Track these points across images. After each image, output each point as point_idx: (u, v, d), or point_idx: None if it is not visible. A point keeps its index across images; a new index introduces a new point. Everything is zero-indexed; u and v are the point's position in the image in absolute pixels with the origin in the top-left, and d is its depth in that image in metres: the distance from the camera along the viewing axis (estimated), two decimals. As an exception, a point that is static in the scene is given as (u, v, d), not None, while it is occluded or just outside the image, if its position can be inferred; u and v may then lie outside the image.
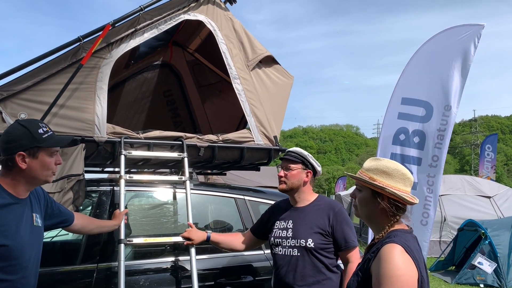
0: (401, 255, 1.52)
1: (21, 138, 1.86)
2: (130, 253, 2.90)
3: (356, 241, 2.49)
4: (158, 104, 5.16)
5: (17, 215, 1.88)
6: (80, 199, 2.74)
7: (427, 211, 4.70)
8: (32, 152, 1.87)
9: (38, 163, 1.89)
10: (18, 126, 1.89)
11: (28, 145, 1.86)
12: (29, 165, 1.87)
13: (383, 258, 1.54)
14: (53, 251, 3.23)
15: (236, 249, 2.82)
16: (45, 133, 1.92)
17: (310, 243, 2.41)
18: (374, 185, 1.68)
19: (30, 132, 1.87)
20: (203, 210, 3.38)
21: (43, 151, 1.90)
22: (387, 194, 1.67)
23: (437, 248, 9.64)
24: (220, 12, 3.51)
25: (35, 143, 1.87)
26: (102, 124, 2.93)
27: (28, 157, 1.86)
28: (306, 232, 2.45)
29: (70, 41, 2.86)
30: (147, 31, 3.18)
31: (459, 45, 4.66)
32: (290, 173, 2.58)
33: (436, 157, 4.68)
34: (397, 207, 1.67)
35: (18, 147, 1.85)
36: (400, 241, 1.56)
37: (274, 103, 3.68)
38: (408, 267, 1.51)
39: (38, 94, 2.79)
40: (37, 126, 1.92)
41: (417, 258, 1.56)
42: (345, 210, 2.58)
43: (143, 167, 3.57)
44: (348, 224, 2.48)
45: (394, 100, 4.92)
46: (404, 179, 1.70)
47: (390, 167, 1.71)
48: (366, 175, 1.72)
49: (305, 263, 2.41)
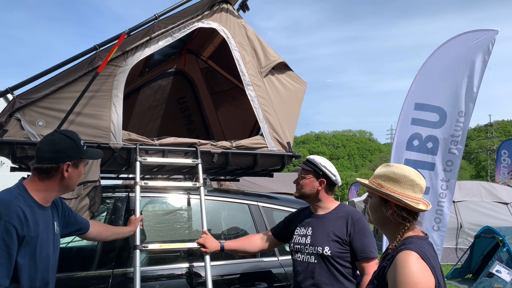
0: (417, 262, 1.51)
1: (69, 149, 1.99)
2: (145, 259, 2.92)
3: (375, 253, 2.43)
4: (172, 111, 5.21)
5: (44, 224, 1.94)
6: (96, 205, 2.77)
7: (439, 216, 4.66)
8: (76, 162, 2.01)
9: (77, 172, 2.03)
10: (64, 137, 2.00)
11: (75, 156, 2.00)
12: (70, 174, 1.99)
13: (399, 265, 1.52)
14: (69, 256, 3.27)
15: (252, 251, 2.83)
16: (84, 145, 2.07)
17: (327, 251, 2.40)
18: (380, 192, 1.69)
19: (76, 144, 2.01)
20: (217, 216, 3.39)
21: (83, 162, 2.06)
22: (393, 200, 1.67)
23: (453, 255, 9.48)
24: (233, 19, 3.54)
25: (80, 154, 2.02)
26: (117, 131, 2.97)
27: (72, 167, 1.99)
28: (324, 239, 2.44)
29: (86, 50, 2.91)
30: (162, 39, 3.22)
31: (473, 51, 4.62)
32: (302, 181, 2.60)
33: (450, 162, 4.65)
34: (405, 214, 1.66)
35: (66, 157, 1.97)
36: (415, 248, 1.55)
37: (287, 109, 3.69)
38: (425, 274, 1.50)
39: (55, 102, 2.84)
40: (79, 139, 2.06)
41: (434, 265, 1.54)
42: (365, 219, 2.50)
43: (157, 174, 3.61)
44: (366, 234, 2.44)
45: (407, 106, 4.88)
46: (413, 186, 1.68)
47: (398, 173, 1.70)
48: (375, 182, 1.73)
49: (322, 270, 2.40)
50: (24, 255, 1.82)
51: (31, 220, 1.85)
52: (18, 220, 1.79)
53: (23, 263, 1.82)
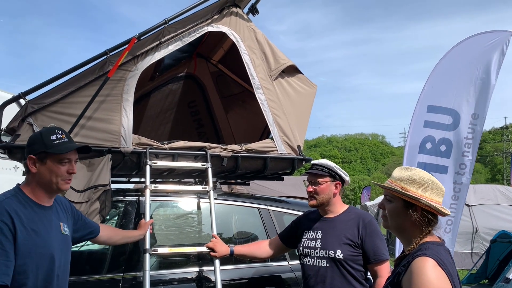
0: (434, 269, 1.47)
1: (34, 142, 1.94)
2: (155, 263, 2.92)
3: (387, 255, 2.41)
4: (183, 115, 5.23)
5: (44, 222, 1.93)
6: (106, 209, 2.78)
7: (451, 219, 4.59)
8: (41, 157, 1.92)
9: (46, 168, 1.93)
10: (36, 132, 1.99)
11: (37, 149, 1.92)
12: (38, 170, 1.92)
13: (415, 272, 1.48)
14: (79, 260, 3.29)
15: (262, 257, 2.80)
16: (57, 140, 1.95)
17: (339, 254, 2.37)
18: (408, 196, 1.63)
19: (41, 137, 1.94)
20: (226, 220, 3.38)
21: (50, 157, 1.93)
22: (421, 205, 1.62)
23: (468, 260, 9.32)
24: (243, 23, 3.54)
25: (43, 148, 1.92)
26: (128, 135, 2.98)
27: (37, 161, 1.92)
28: (335, 243, 2.41)
29: (97, 55, 2.94)
30: (172, 43, 3.23)
31: (486, 52, 4.55)
32: (319, 187, 2.51)
33: (464, 165, 4.58)
34: (430, 218, 1.63)
35: (30, 151, 1.93)
36: (432, 254, 1.51)
37: (297, 113, 3.67)
38: (442, 281, 1.45)
39: (67, 106, 2.87)
40: (52, 133, 1.96)
41: (451, 272, 1.50)
42: (375, 221, 2.50)
43: (167, 177, 3.62)
44: (378, 236, 2.42)
45: (419, 108, 4.82)
46: (437, 190, 1.65)
47: (424, 177, 1.66)
48: (398, 185, 1.67)
49: (334, 274, 2.37)
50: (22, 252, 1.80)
51: (25, 217, 1.84)
52: (8, 217, 1.79)
53: (21, 262, 1.80)
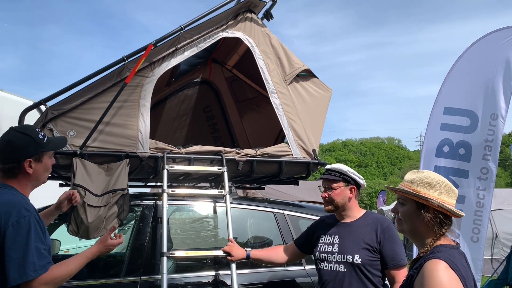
0: (446, 272, 1.45)
1: (27, 145, 1.96)
2: (171, 267, 2.94)
3: (405, 260, 2.38)
4: (198, 119, 5.28)
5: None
6: (124, 213, 2.83)
7: (477, 227, 4.44)
8: (38, 157, 1.98)
9: (42, 166, 2.00)
10: (20, 134, 1.96)
11: (35, 151, 1.97)
12: (35, 170, 1.97)
13: (426, 274, 1.47)
14: (98, 264, 3.34)
15: (278, 262, 2.79)
16: (44, 138, 2.03)
17: (357, 259, 2.34)
18: (419, 197, 1.63)
19: (34, 139, 1.97)
20: (242, 224, 3.39)
21: (46, 155, 2.02)
22: (433, 206, 1.61)
23: (488, 266, 9.11)
24: (257, 28, 3.57)
25: (40, 148, 1.98)
26: (145, 140, 3.03)
27: (33, 162, 1.97)
28: (353, 247, 2.38)
29: (115, 61, 3.00)
30: (187, 49, 3.28)
31: (503, 49, 4.44)
32: (333, 192, 2.50)
33: (486, 169, 4.42)
34: (442, 220, 1.61)
35: (26, 155, 1.94)
36: (444, 257, 1.50)
37: (312, 117, 3.67)
38: (453, 283, 1.44)
39: (85, 112, 2.93)
40: (37, 132, 2.02)
41: (464, 275, 1.48)
42: (394, 226, 2.45)
43: (184, 182, 3.65)
44: (396, 241, 2.39)
45: (436, 111, 4.74)
46: (449, 191, 1.64)
47: (435, 178, 1.65)
48: (409, 187, 1.67)
49: (352, 279, 2.35)
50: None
51: None
52: (38, 215, 1.89)
53: None
